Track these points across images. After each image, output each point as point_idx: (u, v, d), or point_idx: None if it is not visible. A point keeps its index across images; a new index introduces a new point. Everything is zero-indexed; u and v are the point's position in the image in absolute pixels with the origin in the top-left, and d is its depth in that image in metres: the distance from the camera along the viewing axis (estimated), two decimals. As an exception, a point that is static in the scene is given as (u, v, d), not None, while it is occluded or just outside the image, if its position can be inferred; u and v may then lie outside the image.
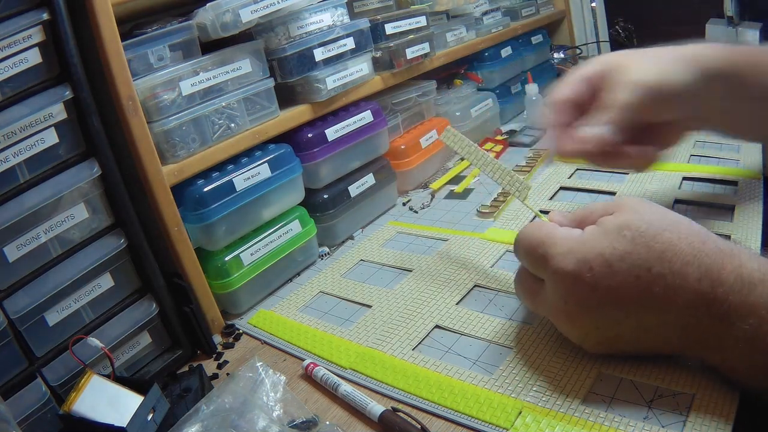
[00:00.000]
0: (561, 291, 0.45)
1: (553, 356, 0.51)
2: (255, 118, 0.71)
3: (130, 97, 0.57)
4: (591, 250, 0.43)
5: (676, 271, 0.40)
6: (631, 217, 0.43)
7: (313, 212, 0.78)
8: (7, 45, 0.49)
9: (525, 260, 0.49)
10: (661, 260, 0.40)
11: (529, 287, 0.50)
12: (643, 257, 0.41)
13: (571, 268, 0.43)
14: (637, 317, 0.42)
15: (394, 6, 0.97)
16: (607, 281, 0.42)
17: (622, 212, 0.44)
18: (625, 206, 0.45)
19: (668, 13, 1.47)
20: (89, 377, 0.49)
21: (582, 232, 0.45)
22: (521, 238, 0.49)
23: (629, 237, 0.42)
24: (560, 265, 0.44)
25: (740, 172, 0.78)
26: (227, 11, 0.66)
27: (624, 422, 0.43)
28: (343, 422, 0.50)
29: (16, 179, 0.50)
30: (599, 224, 0.45)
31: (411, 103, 0.96)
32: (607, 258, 0.42)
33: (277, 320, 0.66)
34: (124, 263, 0.58)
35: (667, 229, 0.42)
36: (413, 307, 0.63)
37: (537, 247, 0.46)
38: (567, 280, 0.43)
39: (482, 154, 0.63)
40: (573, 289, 0.43)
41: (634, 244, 0.41)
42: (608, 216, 0.45)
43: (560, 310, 0.46)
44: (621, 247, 0.41)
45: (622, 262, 0.41)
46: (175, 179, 0.62)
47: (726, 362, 0.42)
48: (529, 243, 0.47)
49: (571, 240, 0.45)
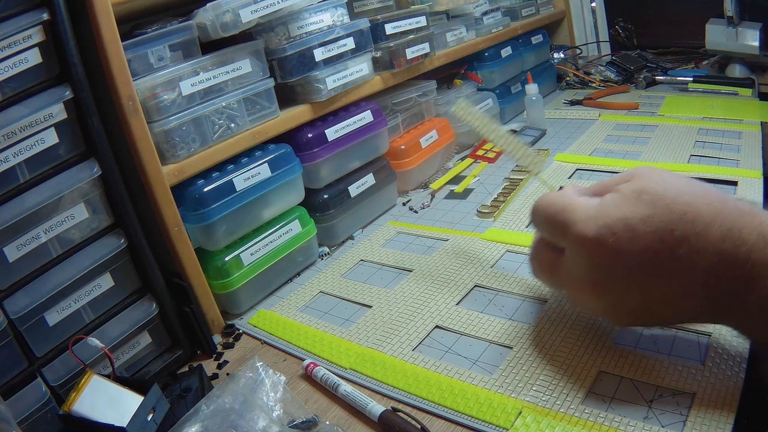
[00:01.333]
0: (584, 259, 0.43)
1: (553, 356, 0.51)
2: (255, 118, 0.71)
3: (130, 97, 0.57)
4: (612, 214, 0.42)
5: (699, 232, 0.39)
6: (647, 182, 0.43)
7: (313, 212, 0.78)
8: (7, 45, 0.49)
9: (544, 228, 0.48)
10: (683, 221, 0.40)
11: (548, 259, 0.49)
12: (666, 219, 0.40)
13: (593, 234, 0.42)
14: (662, 282, 0.41)
15: (394, 6, 0.97)
16: (631, 245, 0.41)
17: (639, 178, 0.44)
18: (640, 174, 0.44)
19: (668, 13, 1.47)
20: (89, 377, 0.49)
21: (601, 199, 0.44)
22: (540, 205, 0.48)
23: (648, 200, 0.41)
24: (582, 231, 0.43)
25: (740, 172, 0.78)
26: (227, 11, 0.66)
27: (624, 422, 0.43)
28: (343, 422, 0.49)
29: (16, 179, 0.50)
30: (617, 191, 0.44)
31: (411, 103, 0.96)
32: (629, 222, 0.41)
33: (277, 320, 0.66)
34: (124, 263, 0.58)
35: (686, 191, 0.41)
36: (413, 307, 0.63)
37: (557, 214, 0.45)
38: (590, 246, 0.42)
39: (495, 127, 0.62)
40: (596, 255, 0.42)
41: (654, 207, 0.41)
42: (625, 183, 0.44)
43: (584, 281, 0.44)
44: (642, 211, 0.41)
45: (645, 225, 0.40)
46: (175, 179, 0.62)
47: (747, 323, 0.42)
48: (549, 210, 0.46)
49: (592, 206, 0.44)
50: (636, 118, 1.09)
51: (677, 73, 1.29)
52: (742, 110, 1.04)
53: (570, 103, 1.25)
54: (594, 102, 1.22)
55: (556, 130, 1.11)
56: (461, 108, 0.64)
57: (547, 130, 1.11)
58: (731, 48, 1.18)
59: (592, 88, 1.33)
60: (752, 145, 0.87)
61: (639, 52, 1.44)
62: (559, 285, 0.49)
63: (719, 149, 0.88)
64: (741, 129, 0.95)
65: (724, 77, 1.21)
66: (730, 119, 1.00)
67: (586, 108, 1.21)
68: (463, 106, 0.64)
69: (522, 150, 0.59)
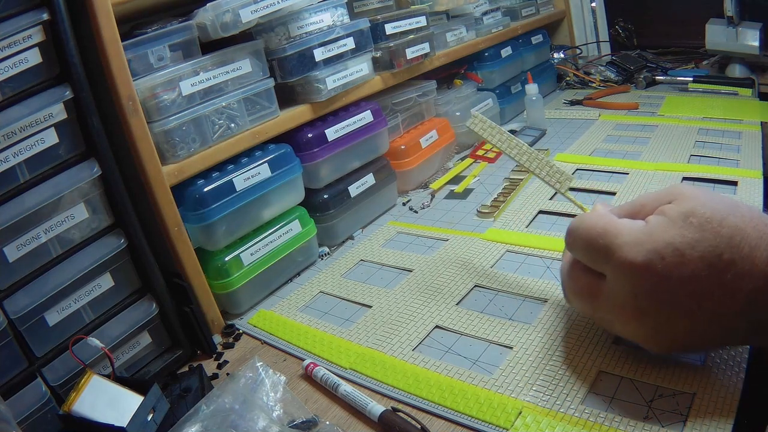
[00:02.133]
0: (630, 284, 0.42)
1: (553, 356, 0.51)
2: (255, 118, 0.71)
3: (130, 97, 0.57)
4: (660, 239, 0.41)
5: (745, 256, 0.39)
6: (693, 204, 0.41)
7: (313, 212, 0.78)
8: (7, 45, 0.49)
9: (583, 253, 0.46)
10: (731, 246, 0.39)
11: (587, 285, 0.46)
12: (714, 244, 0.39)
13: (641, 259, 0.40)
14: (709, 307, 0.40)
15: (394, 6, 0.97)
16: (679, 271, 0.40)
17: (683, 200, 0.42)
18: (683, 194, 0.43)
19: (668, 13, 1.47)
20: (89, 377, 0.49)
21: (645, 222, 0.43)
22: (578, 228, 0.46)
23: (696, 224, 0.40)
24: (629, 257, 0.41)
25: (740, 172, 0.78)
26: (227, 11, 0.66)
27: (624, 422, 0.43)
28: (343, 422, 0.49)
29: (16, 179, 0.50)
30: (661, 213, 0.42)
31: (411, 103, 0.96)
32: (677, 247, 0.40)
33: (277, 320, 0.66)
34: (124, 263, 0.58)
35: (731, 213, 0.40)
36: (413, 307, 0.63)
37: (598, 238, 0.43)
38: (637, 272, 0.41)
39: (516, 142, 0.58)
40: (644, 281, 0.41)
41: (702, 231, 0.40)
42: (669, 205, 0.43)
43: (628, 307, 0.43)
44: (690, 235, 0.40)
45: (693, 250, 0.39)
46: (175, 179, 0.62)
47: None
48: (589, 234, 0.44)
49: (637, 230, 0.42)
50: (636, 118, 1.09)
51: (677, 73, 1.29)
52: (742, 110, 1.04)
53: (570, 103, 1.25)
54: (594, 102, 1.22)
55: (556, 130, 1.11)
56: (476, 123, 0.60)
57: (547, 130, 1.11)
58: (731, 48, 1.18)
59: (592, 88, 1.33)
60: (752, 145, 0.87)
61: (639, 52, 1.44)
62: (598, 311, 0.46)
63: (719, 149, 0.88)
64: (741, 129, 0.95)
65: (724, 77, 1.21)
66: (730, 119, 1.00)
67: (586, 108, 1.21)
68: (479, 121, 0.60)
69: (547, 167, 0.56)
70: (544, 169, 0.56)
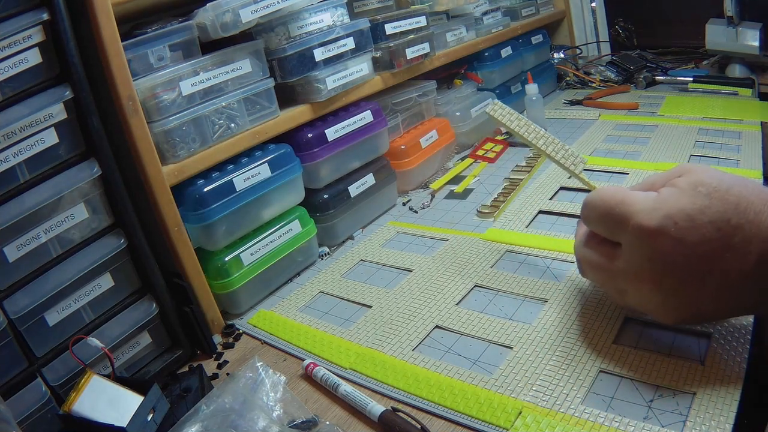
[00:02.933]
0: (645, 249, 0.44)
1: (553, 356, 0.51)
2: (255, 118, 0.71)
3: (130, 97, 0.57)
4: (673, 206, 0.43)
5: (752, 221, 0.42)
6: (701, 176, 0.45)
7: (313, 212, 0.78)
8: (7, 45, 0.49)
9: (599, 222, 0.49)
10: (737, 211, 0.42)
11: (603, 254, 0.49)
12: (722, 210, 0.42)
13: (656, 224, 0.43)
14: (719, 271, 0.43)
15: (394, 6, 0.97)
16: (691, 235, 0.42)
17: (691, 173, 0.46)
18: (691, 169, 0.46)
19: (668, 13, 1.47)
20: (89, 377, 0.49)
21: (658, 193, 0.46)
22: (595, 198, 0.49)
23: (705, 192, 0.43)
24: (645, 222, 0.44)
25: (740, 172, 0.78)
26: (227, 11, 0.66)
27: (624, 422, 0.43)
28: (343, 422, 0.49)
29: (16, 179, 0.50)
30: (672, 185, 0.46)
31: (411, 103, 0.96)
32: (689, 213, 0.43)
33: (277, 320, 0.66)
34: (124, 263, 0.58)
35: (736, 183, 0.44)
36: (413, 307, 0.63)
37: (616, 206, 0.46)
38: (652, 236, 0.43)
39: (534, 127, 0.62)
40: (658, 245, 0.43)
41: (711, 199, 0.43)
42: (678, 178, 0.46)
43: (642, 272, 0.45)
44: (700, 202, 0.43)
45: (703, 215, 0.42)
46: (175, 179, 0.62)
47: None
48: (607, 203, 0.47)
49: (651, 199, 0.45)
50: (636, 118, 1.09)
51: (677, 73, 1.29)
52: (742, 110, 1.04)
53: (570, 103, 1.25)
54: (594, 102, 1.22)
55: (556, 130, 1.11)
56: (497, 109, 0.64)
57: (547, 130, 1.11)
58: (731, 48, 1.18)
59: (592, 88, 1.33)
60: (752, 145, 0.87)
61: (639, 52, 1.44)
62: (613, 281, 0.49)
63: (719, 149, 0.88)
64: (741, 129, 0.95)
65: (724, 77, 1.21)
66: (730, 119, 1.00)
67: (586, 108, 1.21)
68: (498, 107, 0.64)
69: (563, 149, 0.60)
70: (560, 151, 0.61)
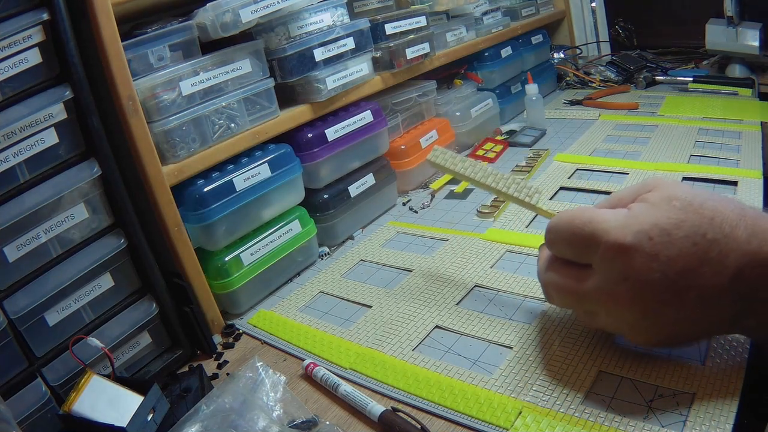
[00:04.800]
0: (619, 267, 0.42)
1: (553, 356, 0.51)
2: (255, 118, 0.71)
3: (130, 97, 0.57)
4: (646, 220, 0.42)
5: (727, 234, 0.41)
6: (674, 190, 0.44)
7: (313, 212, 0.78)
8: (7, 45, 0.49)
9: (567, 246, 0.46)
10: (713, 225, 0.41)
11: (570, 278, 0.46)
12: (697, 224, 0.41)
13: (630, 240, 0.41)
14: (697, 287, 0.41)
15: (394, 6, 0.97)
16: (668, 250, 0.41)
17: (663, 187, 0.44)
18: (661, 183, 0.45)
19: (668, 13, 1.47)
20: (89, 377, 0.49)
21: (628, 209, 0.44)
22: (560, 221, 0.46)
23: (679, 206, 0.42)
24: (618, 239, 0.42)
25: (740, 172, 0.78)
26: (227, 11, 0.66)
27: (624, 422, 0.43)
28: (343, 422, 0.49)
29: (16, 179, 0.50)
30: (643, 201, 0.44)
31: (411, 103, 0.96)
32: (664, 227, 0.41)
33: (277, 320, 0.66)
34: (124, 263, 0.58)
35: (710, 198, 0.43)
36: (413, 307, 0.63)
37: (584, 226, 0.44)
38: (627, 253, 0.41)
39: (481, 166, 0.59)
40: (633, 263, 0.41)
41: (686, 212, 0.42)
42: (649, 193, 0.45)
43: (617, 292, 0.43)
44: (675, 216, 0.42)
45: (679, 230, 0.41)
46: (175, 179, 0.62)
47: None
48: (573, 225, 0.45)
49: (621, 215, 0.43)
50: (636, 118, 1.09)
51: (677, 73, 1.29)
52: (742, 110, 1.04)
53: (570, 103, 1.25)
54: (594, 102, 1.22)
55: (556, 130, 1.11)
56: (438, 155, 0.61)
57: (547, 130, 1.11)
58: (731, 48, 1.18)
59: (592, 88, 1.33)
60: (752, 145, 0.87)
61: (639, 52, 1.44)
62: (581, 303, 0.46)
63: (719, 149, 0.88)
64: (741, 129, 0.95)
65: (724, 77, 1.21)
66: (730, 119, 1.00)
67: (586, 108, 1.21)
68: (440, 153, 0.61)
69: (514, 183, 0.57)
70: (511, 186, 0.57)
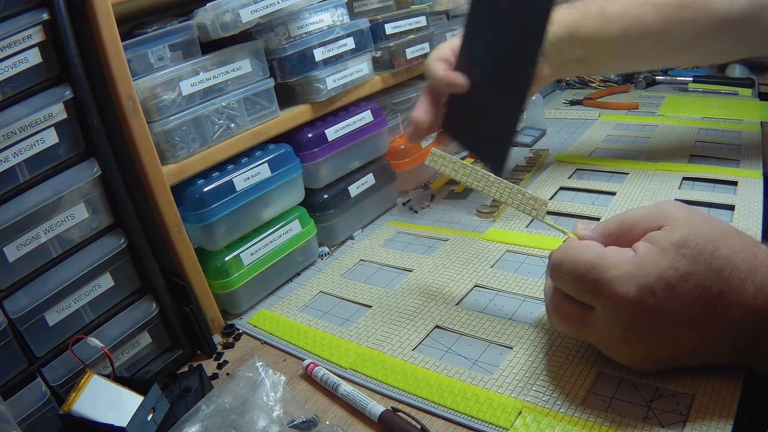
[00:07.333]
0: (620, 318, 0.42)
1: (553, 356, 0.51)
2: (255, 118, 0.71)
3: (130, 97, 0.57)
4: (652, 272, 0.40)
5: (734, 288, 0.40)
6: (686, 232, 0.41)
7: (313, 212, 0.78)
8: (7, 45, 0.49)
9: (570, 286, 0.45)
10: (721, 278, 0.40)
11: (572, 314, 0.46)
12: (705, 277, 0.40)
13: (633, 294, 0.40)
14: (697, 336, 0.41)
15: (394, 6, 0.96)
16: (670, 305, 0.40)
17: (675, 227, 0.42)
18: (674, 219, 0.42)
19: (668, 13, 1.47)
20: (89, 377, 0.49)
21: (635, 254, 0.42)
22: (564, 261, 0.44)
23: (689, 255, 0.40)
24: (620, 292, 0.41)
25: (740, 172, 0.78)
26: (227, 11, 0.66)
27: (624, 422, 0.43)
28: (343, 422, 0.50)
29: (16, 179, 0.50)
30: (652, 242, 0.42)
31: (411, 103, 0.96)
32: (669, 281, 0.40)
33: (277, 320, 0.66)
34: (124, 263, 0.58)
35: (722, 243, 0.41)
36: (413, 307, 0.63)
37: (587, 273, 0.42)
38: (628, 307, 0.41)
39: (483, 174, 0.55)
40: (635, 315, 0.41)
41: (695, 264, 0.40)
42: (659, 232, 0.42)
43: (616, 338, 0.43)
44: (683, 268, 0.40)
45: (685, 283, 0.40)
46: (175, 179, 0.62)
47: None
48: (577, 268, 0.43)
49: (627, 262, 0.41)
50: (636, 118, 1.09)
51: (677, 73, 1.29)
52: (742, 110, 1.04)
53: (570, 103, 1.25)
54: (594, 102, 1.22)
55: (556, 130, 1.11)
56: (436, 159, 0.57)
57: (547, 130, 1.11)
58: (731, 48, 1.18)
59: (592, 88, 1.33)
60: (752, 145, 0.87)
61: (639, 52, 1.44)
62: (584, 337, 0.48)
63: (719, 149, 0.88)
64: (741, 129, 0.95)
65: (724, 77, 1.21)
66: (730, 119, 1.00)
67: (586, 108, 1.21)
68: (438, 156, 0.57)
69: (519, 194, 0.53)
70: (516, 198, 0.54)
